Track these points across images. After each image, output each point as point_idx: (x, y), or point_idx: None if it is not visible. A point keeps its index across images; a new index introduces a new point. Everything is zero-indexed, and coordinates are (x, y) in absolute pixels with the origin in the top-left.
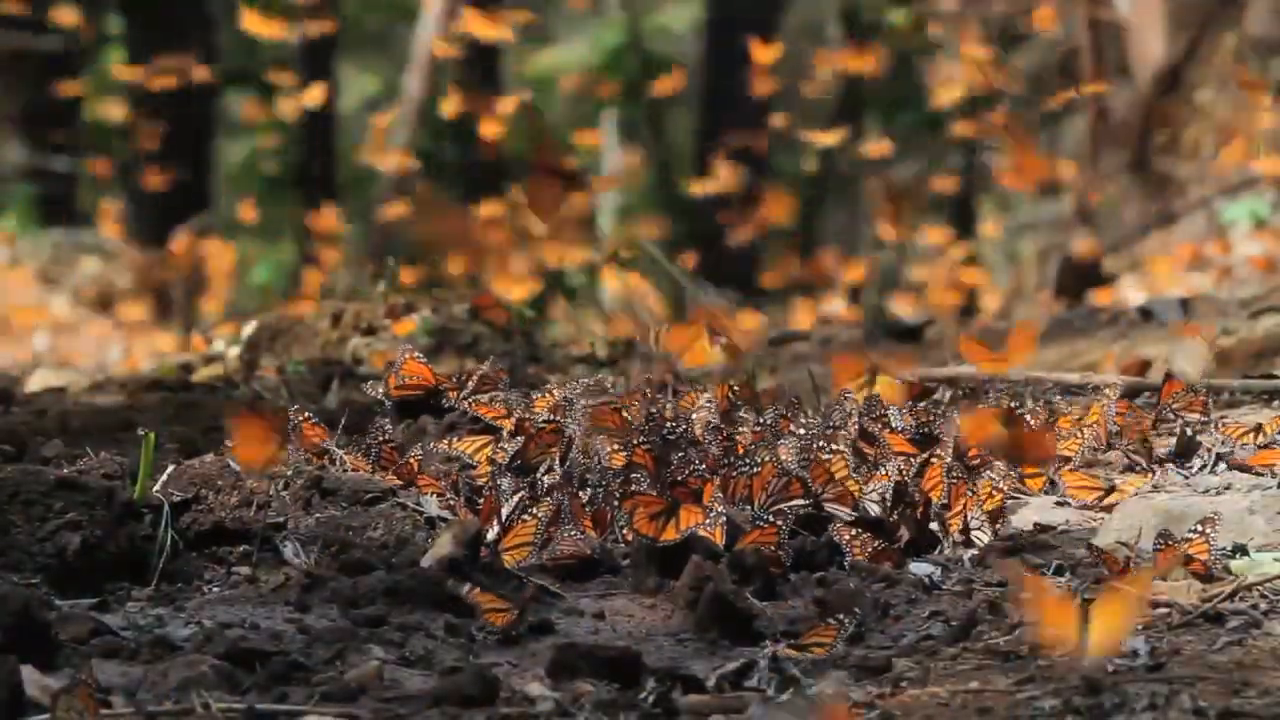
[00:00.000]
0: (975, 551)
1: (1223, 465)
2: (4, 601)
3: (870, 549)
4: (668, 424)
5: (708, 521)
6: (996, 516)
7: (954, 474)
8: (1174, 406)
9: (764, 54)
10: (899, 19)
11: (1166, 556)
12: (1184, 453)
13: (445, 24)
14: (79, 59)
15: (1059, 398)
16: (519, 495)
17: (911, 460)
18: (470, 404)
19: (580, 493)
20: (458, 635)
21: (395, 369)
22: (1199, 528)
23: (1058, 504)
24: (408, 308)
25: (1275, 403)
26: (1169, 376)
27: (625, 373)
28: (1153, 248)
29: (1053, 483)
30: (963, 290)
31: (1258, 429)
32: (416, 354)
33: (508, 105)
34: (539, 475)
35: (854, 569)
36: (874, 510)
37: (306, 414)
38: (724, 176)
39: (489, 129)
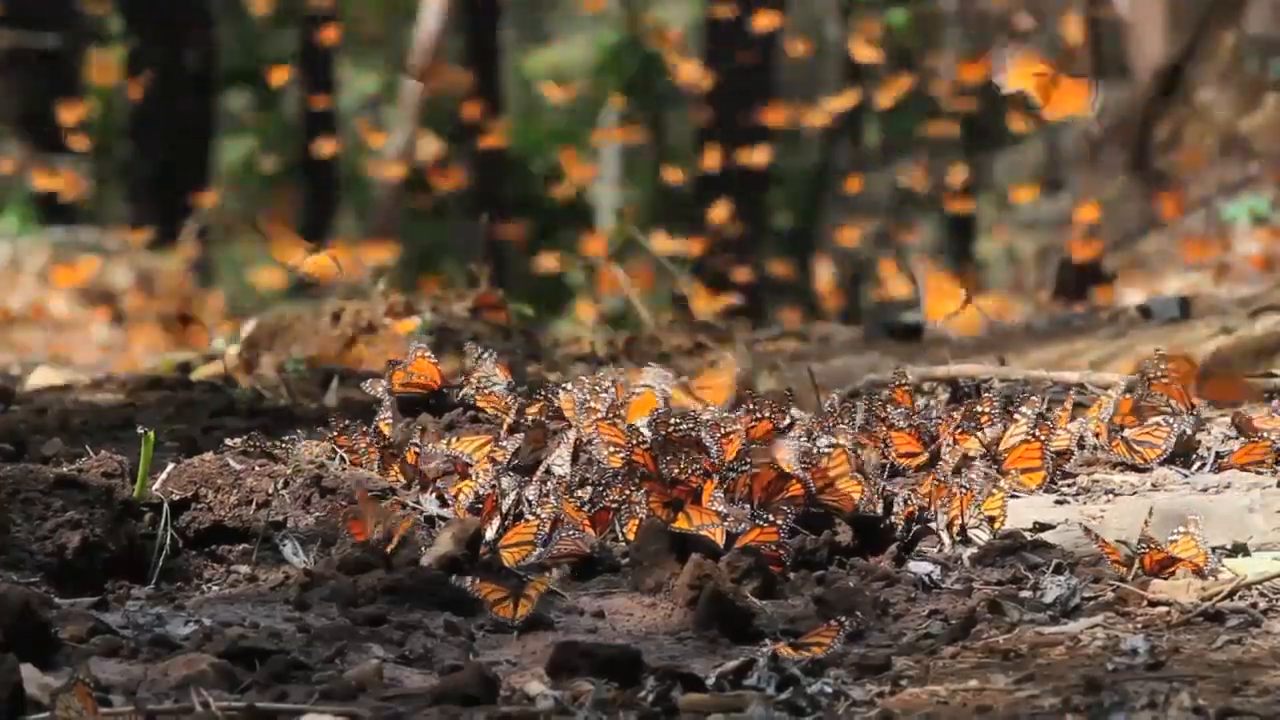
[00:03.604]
0: (974, 550)
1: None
2: (4, 600)
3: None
4: (672, 423)
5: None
6: (995, 516)
7: (953, 474)
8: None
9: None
10: (898, 19)
11: (1152, 559)
12: (1182, 451)
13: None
14: (79, 58)
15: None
16: (514, 494)
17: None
18: (477, 396)
19: (579, 492)
20: (457, 634)
21: (404, 365)
22: (1184, 528)
23: (1057, 502)
24: (407, 307)
25: (1275, 402)
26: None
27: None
28: (1152, 246)
29: (1052, 481)
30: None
31: (1240, 428)
32: (426, 353)
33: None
34: (538, 475)
35: (853, 568)
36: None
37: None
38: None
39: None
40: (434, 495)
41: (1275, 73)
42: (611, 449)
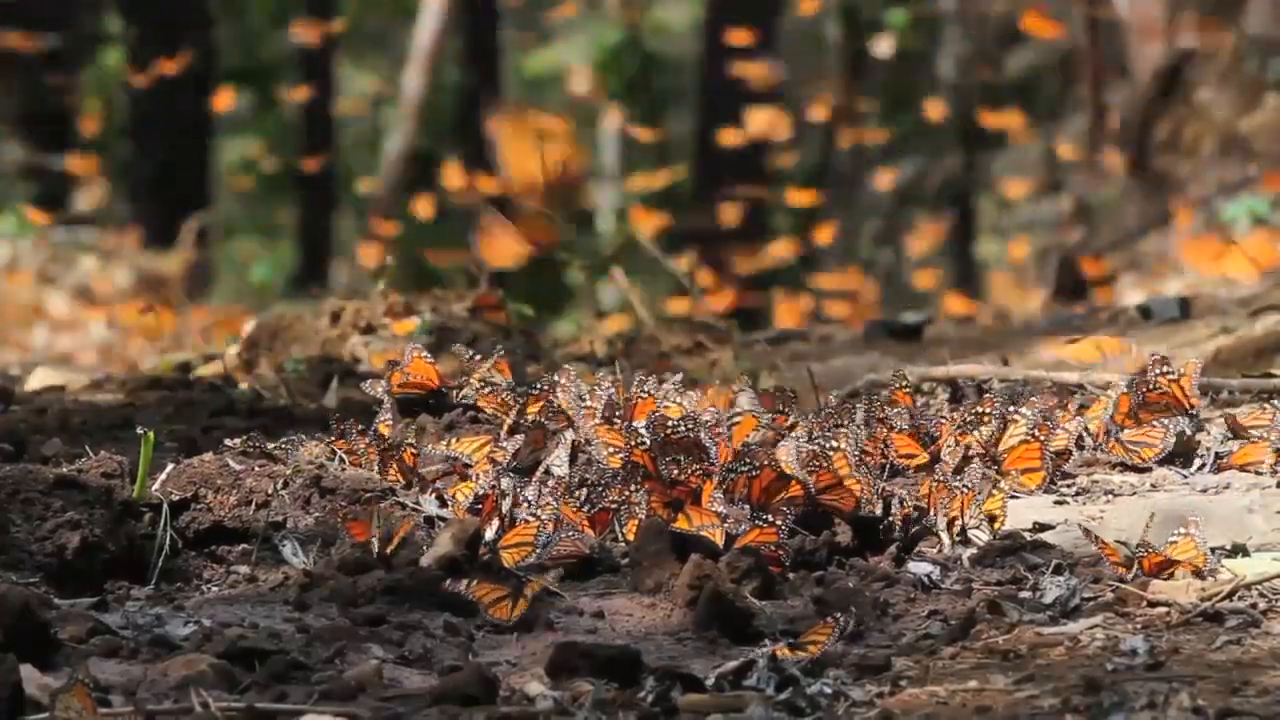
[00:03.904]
0: (974, 550)
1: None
2: (3, 600)
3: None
4: (670, 423)
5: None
6: (995, 516)
7: (952, 474)
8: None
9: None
10: (897, 19)
11: (1151, 561)
12: (1182, 451)
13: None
14: (78, 57)
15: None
16: (513, 495)
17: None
18: (477, 397)
19: (577, 493)
20: (457, 634)
21: (401, 366)
22: (1184, 530)
23: (1056, 503)
24: (407, 307)
25: (1274, 402)
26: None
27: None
28: (1152, 247)
29: (1052, 481)
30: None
31: (1235, 431)
32: (424, 353)
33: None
34: (537, 476)
35: (853, 568)
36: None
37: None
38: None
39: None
40: (433, 496)
41: (1275, 73)
42: (611, 450)
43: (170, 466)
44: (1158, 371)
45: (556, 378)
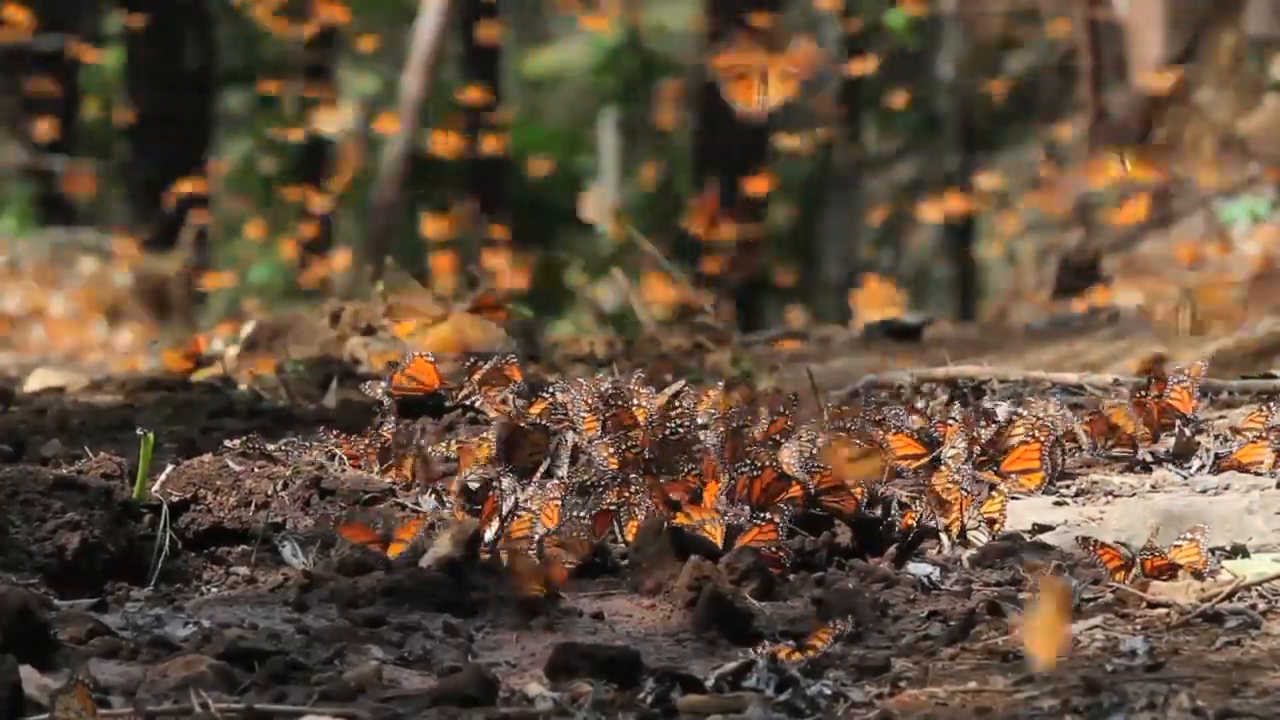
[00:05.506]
0: (974, 551)
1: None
2: (3, 601)
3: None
4: (669, 424)
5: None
6: (995, 518)
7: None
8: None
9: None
10: (897, 20)
11: (1153, 563)
12: (1182, 452)
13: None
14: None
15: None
16: (513, 496)
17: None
18: (481, 396)
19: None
20: (456, 635)
21: (401, 367)
22: (1189, 534)
23: (1056, 504)
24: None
25: (1274, 403)
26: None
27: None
28: (1151, 247)
29: (1051, 482)
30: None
31: (1235, 431)
32: (425, 354)
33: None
34: (537, 477)
35: (853, 569)
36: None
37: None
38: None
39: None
40: (432, 496)
41: (1275, 73)
42: (609, 451)
43: (170, 467)
44: (1169, 382)
45: (566, 385)
